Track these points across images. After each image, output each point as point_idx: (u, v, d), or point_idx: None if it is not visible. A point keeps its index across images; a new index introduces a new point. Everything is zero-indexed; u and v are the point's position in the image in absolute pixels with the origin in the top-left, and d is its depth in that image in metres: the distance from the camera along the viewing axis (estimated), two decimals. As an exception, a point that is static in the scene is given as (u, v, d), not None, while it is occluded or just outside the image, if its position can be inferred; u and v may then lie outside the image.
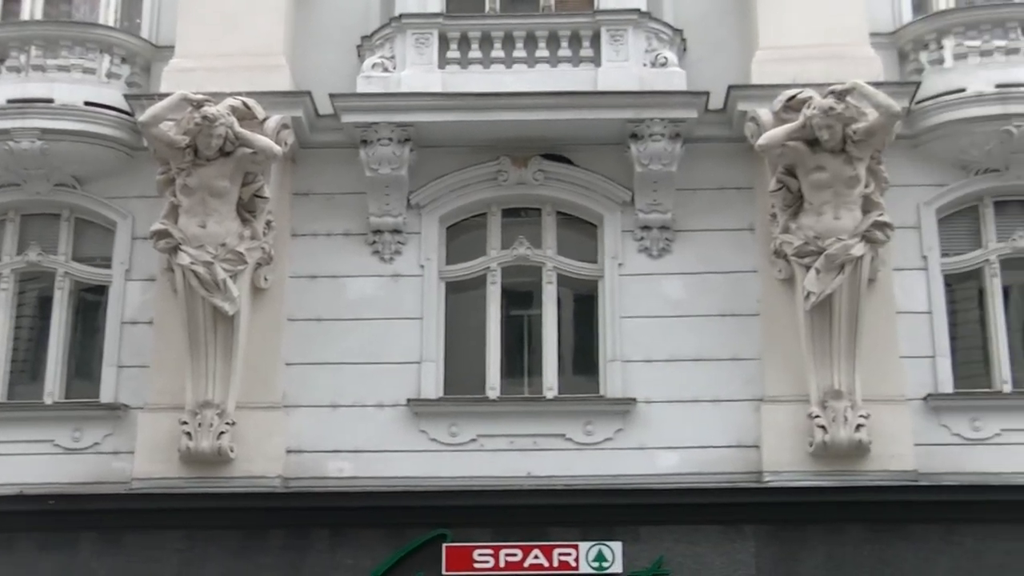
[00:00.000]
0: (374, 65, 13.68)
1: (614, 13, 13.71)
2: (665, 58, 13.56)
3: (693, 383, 13.10)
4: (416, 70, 13.59)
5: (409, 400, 13.18)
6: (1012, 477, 12.71)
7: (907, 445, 12.74)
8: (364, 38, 14.10)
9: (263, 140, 12.93)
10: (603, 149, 13.59)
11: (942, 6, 14.15)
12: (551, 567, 12.56)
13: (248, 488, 12.81)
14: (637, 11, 13.68)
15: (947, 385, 13.11)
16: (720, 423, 12.99)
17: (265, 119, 13.14)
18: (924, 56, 13.82)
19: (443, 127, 13.46)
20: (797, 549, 12.56)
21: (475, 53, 13.73)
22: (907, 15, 14.17)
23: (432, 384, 13.26)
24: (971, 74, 13.58)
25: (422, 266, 13.57)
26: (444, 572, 12.59)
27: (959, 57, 13.69)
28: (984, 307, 13.50)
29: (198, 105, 12.79)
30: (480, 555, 12.63)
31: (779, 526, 12.62)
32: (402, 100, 13.41)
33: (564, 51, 13.70)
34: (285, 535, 12.79)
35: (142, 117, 12.97)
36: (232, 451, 12.80)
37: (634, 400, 13.08)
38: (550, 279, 13.59)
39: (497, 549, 12.63)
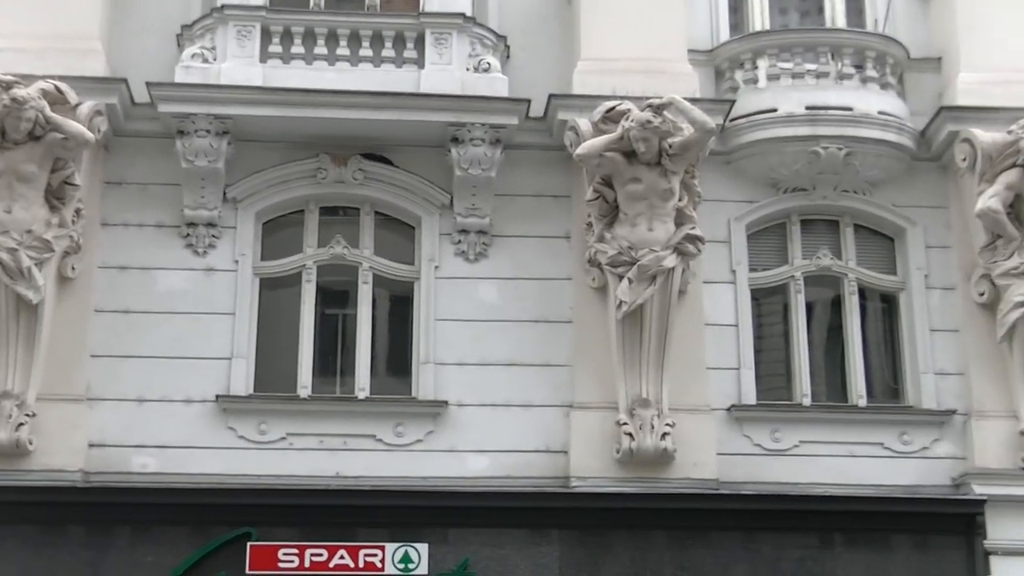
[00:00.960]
0: (194, 55, 13.46)
1: (439, 16, 13.73)
2: (488, 64, 13.63)
3: (504, 387, 13.20)
4: (237, 62, 13.41)
5: (218, 396, 12.99)
6: (808, 487, 13.12)
7: (710, 454, 13.04)
8: (184, 27, 13.85)
9: (75, 126, 12.60)
10: (424, 151, 13.61)
11: (758, 27, 14.56)
12: (357, 568, 12.51)
13: (47, 482, 12.47)
14: (462, 16, 13.73)
15: (750, 397, 13.46)
16: (530, 428, 13.12)
17: (78, 104, 12.81)
18: (739, 75, 14.18)
19: (262, 121, 13.31)
20: (601, 553, 12.74)
21: (298, 49, 13.61)
22: (724, 34, 14.53)
23: (242, 381, 13.10)
24: (783, 95, 13.99)
25: (236, 261, 13.39)
26: (248, 571, 12.43)
27: (772, 78, 14.09)
28: (788, 322, 13.91)
29: (7, 87, 12.41)
30: (285, 555, 12.51)
31: (584, 531, 12.78)
32: (221, 92, 13.21)
33: (388, 51, 13.67)
34: (85, 531, 12.48)
35: (-56, 98, 12.54)
36: (31, 443, 12.44)
37: (446, 403, 13.12)
38: (366, 279, 13.55)
39: (303, 549, 12.53)
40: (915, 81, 14.44)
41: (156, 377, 12.98)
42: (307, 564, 12.50)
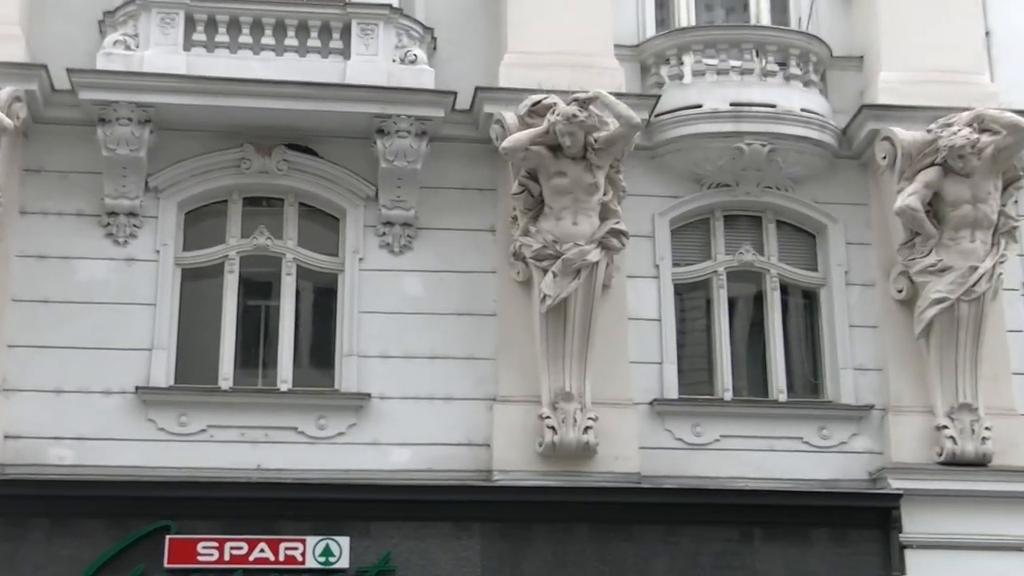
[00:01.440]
0: (116, 42, 13.29)
1: (365, 7, 13.65)
2: (415, 55, 13.58)
3: (428, 380, 13.19)
4: (160, 50, 13.26)
5: (138, 388, 12.85)
6: (728, 481, 13.24)
7: (632, 448, 13.10)
8: (107, 13, 13.67)
9: (-8, 112, 12.43)
10: (349, 143, 13.54)
11: (684, 24, 14.64)
12: (277, 561, 12.44)
13: (-38, 475, 12.31)
14: (388, 7, 13.67)
15: (672, 391, 13.55)
16: (453, 421, 13.11)
17: (-4, 90, 12.63)
18: (665, 71, 14.25)
19: (186, 110, 13.17)
20: (523, 547, 12.78)
21: (222, 37, 13.48)
22: (651, 30, 14.61)
23: (162, 372, 12.98)
24: (707, 91, 14.08)
25: (158, 251, 13.26)
26: (166, 565, 12.34)
27: (697, 74, 14.17)
28: (710, 317, 14.01)
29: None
30: (204, 548, 12.42)
31: (506, 524, 12.81)
32: (144, 80, 13.06)
33: (313, 41, 13.58)
34: (1, 524, 12.29)
35: None
36: (-54, 435, 12.27)
37: (368, 395, 13.08)
38: (289, 270, 13.47)
39: (222, 542, 12.44)
40: (837, 79, 14.58)
41: (75, 368, 12.82)
42: (227, 557, 12.41)
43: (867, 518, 13.22)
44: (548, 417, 12.82)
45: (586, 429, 12.82)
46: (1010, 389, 13.73)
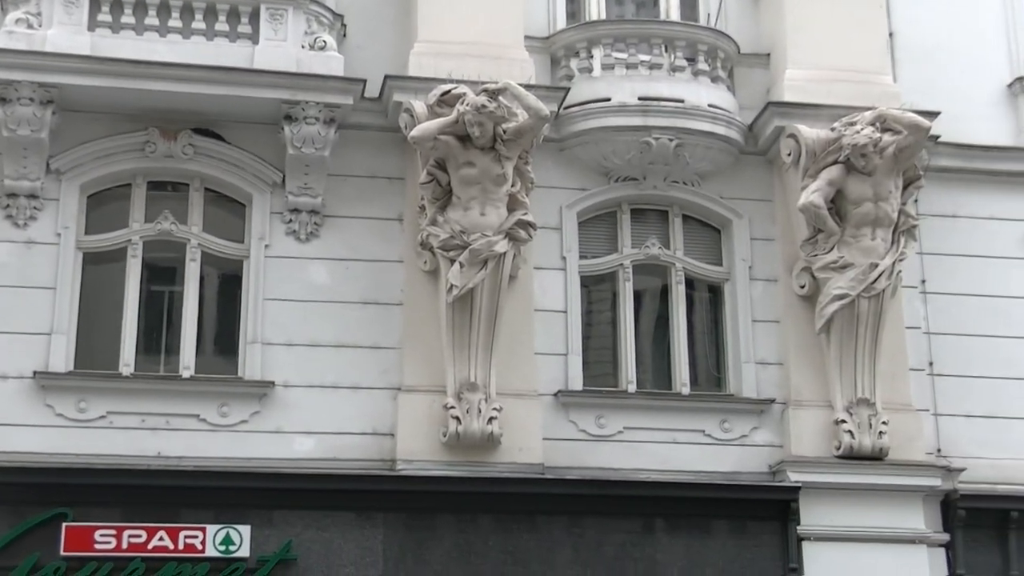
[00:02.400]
0: (18, 20, 13.03)
1: (275, -9, 13.56)
2: (324, 42, 13.48)
3: (333, 369, 13.12)
4: (63, 30, 13.02)
5: (36, 373, 12.64)
6: (631, 473, 13.33)
7: (536, 439, 13.14)
8: (9, -9, 13.44)
9: None
10: (256, 128, 13.42)
11: (594, 17, 14.70)
12: (176, 550, 12.32)
13: None
14: (299, -8, 13.59)
15: (577, 382, 13.60)
16: (357, 410, 13.06)
17: None
18: (575, 63, 14.30)
19: (89, 91, 12.96)
20: (426, 537, 12.77)
21: (128, 18, 13.27)
22: (561, 22, 14.64)
23: (62, 357, 12.77)
24: (616, 85, 14.15)
25: (59, 234, 13.05)
26: (62, 553, 12.15)
27: (607, 67, 14.24)
28: (616, 310, 14.09)
29: None
30: (102, 536, 12.25)
31: (410, 514, 12.80)
32: (46, 60, 12.83)
33: (222, 25, 13.43)
34: None
35: None
36: None
37: (272, 383, 12.98)
38: (194, 256, 13.32)
39: (120, 530, 12.29)
40: (745, 76, 14.74)
41: (-29, 352, 12.59)
42: (125, 546, 12.27)
43: (766, 510, 13.39)
44: (453, 407, 12.81)
45: (491, 420, 12.83)
46: (907, 385, 13.97)
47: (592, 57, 14.29)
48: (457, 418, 12.80)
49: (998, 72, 15.41)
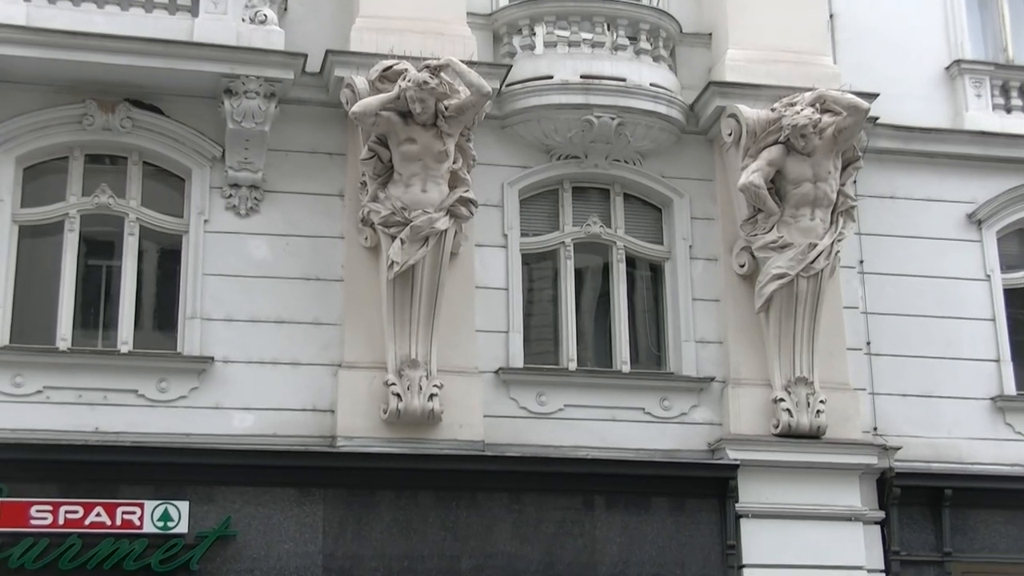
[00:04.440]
0: (-48, -10, 12.85)
1: (215, -35, 13.44)
2: (265, 15, 13.35)
3: (273, 345, 13.05)
4: (-2, 0, 12.86)
5: (-31, 348, 12.52)
6: (571, 450, 13.38)
7: (477, 416, 13.15)
8: (-58, -40, 13.20)
9: None
10: (196, 102, 13.32)
11: (537, -7, 14.67)
12: (114, 526, 12.22)
13: None
14: (239, -35, 13.47)
15: (518, 360, 13.61)
16: (297, 386, 13.01)
17: None
18: (517, 40, 14.29)
19: (25, 63, 12.79)
20: (366, 514, 12.75)
21: (66, -11, 13.14)
22: (504, -1, 14.64)
23: (-3, 332, 12.64)
24: (559, 63, 14.15)
25: (-7, 208, 12.90)
26: (-3, 528, 12.03)
27: (549, 45, 14.25)
28: (557, 287, 14.11)
29: None
30: (37, 511, 12.14)
31: (350, 491, 12.76)
32: (-19, 30, 12.66)
33: (161, -2, 13.33)
34: None
35: None
36: None
37: (212, 359, 12.89)
38: (132, 230, 13.20)
39: (57, 506, 12.18)
40: (686, 56, 14.79)
41: (-97, 327, 12.42)
42: (61, 522, 12.16)
43: (705, 488, 13.48)
44: (393, 384, 12.78)
45: (431, 396, 12.82)
46: (844, 364, 14.09)
47: (535, 35, 14.28)
48: (398, 395, 12.77)
49: (936, 55, 15.59)
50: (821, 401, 13.64)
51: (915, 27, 15.59)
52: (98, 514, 12.22)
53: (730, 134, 14.02)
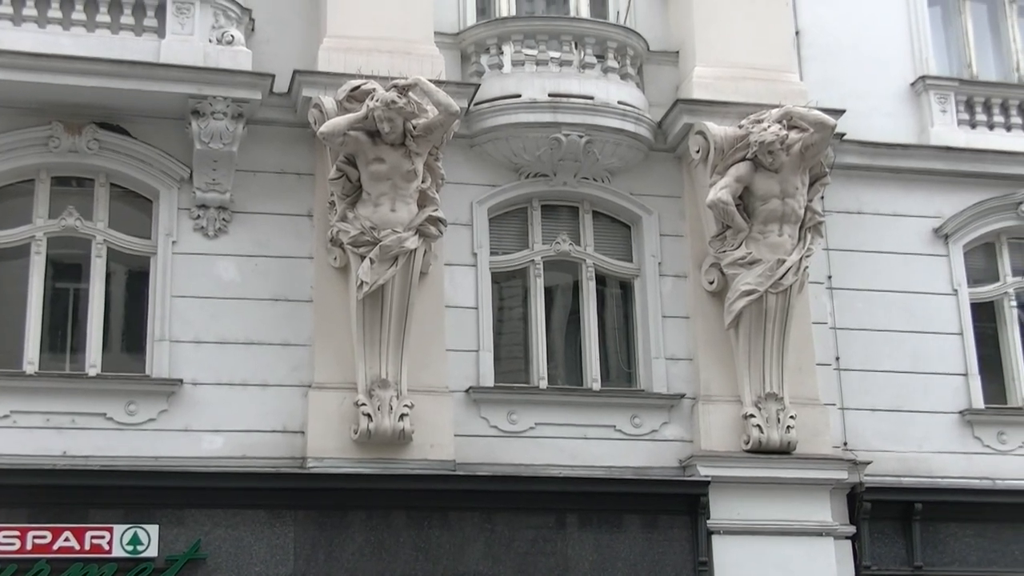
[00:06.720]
0: (-84, 12, 12.79)
1: (182, -15, 13.41)
2: (232, 36, 13.35)
3: (242, 366, 13.01)
4: (-37, 22, 12.81)
5: (-64, 372, 12.42)
6: (543, 468, 13.37)
7: (448, 435, 13.13)
8: (-94, -19, 13.14)
9: None
10: (163, 123, 13.28)
11: (504, 13, 14.71)
12: (83, 550, 12.15)
13: None
14: (206, -15, 13.44)
15: (488, 379, 13.60)
16: (267, 408, 12.97)
17: None
18: (485, 59, 14.31)
19: (-9, 85, 12.76)
20: (337, 535, 12.70)
21: (30, 11, 13.05)
22: (471, 18, 14.64)
23: (-38, 356, 12.56)
24: (527, 81, 14.17)
25: (-41, 231, 12.84)
26: (-36, 555, 11.94)
27: (517, 64, 14.26)
28: (527, 306, 14.11)
29: None
30: (5, 537, 12.06)
31: (321, 512, 12.72)
32: (-55, 52, 12.60)
33: (127, 18, 13.25)
34: None
35: None
36: None
37: (180, 381, 12.83)
38: (99, 252, 13.14)
39: (25, 531, 12.10)
40: (654, 73, 14.83)
41: None
42: (29, 547, 12.09)
43: (677, 504, 13.49)
44: (364, 404, 12.76)
45: (402, 416, 12.79)
46: (814, 379, 14.14)
47: (502, 53, 14.30)
48: (368, 415, 12.74)
49: (902, 71, 15.69)
50: (791, 417, 13.67)
51: (881, 43, 15.69)
52: (67, 539, 12.14)
53: (698, 151, 14.06)
